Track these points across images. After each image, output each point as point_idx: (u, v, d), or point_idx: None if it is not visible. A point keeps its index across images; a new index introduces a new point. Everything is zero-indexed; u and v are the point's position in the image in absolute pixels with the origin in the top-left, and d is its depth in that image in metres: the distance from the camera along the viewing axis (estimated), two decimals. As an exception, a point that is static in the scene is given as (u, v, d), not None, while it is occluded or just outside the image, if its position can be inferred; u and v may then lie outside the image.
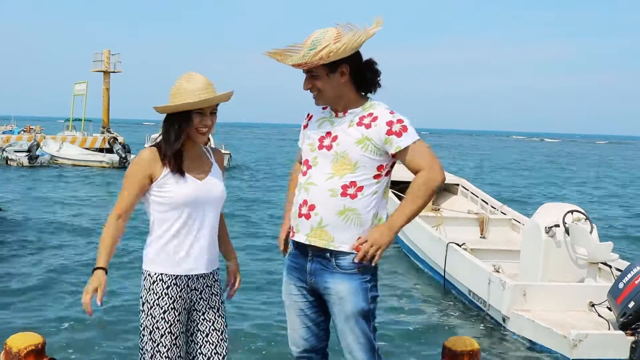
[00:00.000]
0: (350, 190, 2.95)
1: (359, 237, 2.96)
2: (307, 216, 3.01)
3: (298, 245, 3.11)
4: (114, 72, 39.90)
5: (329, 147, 3.00)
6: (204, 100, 2.89)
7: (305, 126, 3.19)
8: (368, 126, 2.95)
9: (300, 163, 3.19)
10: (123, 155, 30.62)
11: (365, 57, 3.03)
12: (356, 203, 2.95)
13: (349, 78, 2.98)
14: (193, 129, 2.94)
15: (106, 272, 2.88)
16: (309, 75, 2.99)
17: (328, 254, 3.01)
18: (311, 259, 3.06)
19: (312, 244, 3.01)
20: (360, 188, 2.95)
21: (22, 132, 40.96)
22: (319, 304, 3.14)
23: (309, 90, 3.02)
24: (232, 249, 3.34)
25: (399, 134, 2.93)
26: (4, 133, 39.52)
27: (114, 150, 32.37)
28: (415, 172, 2.97)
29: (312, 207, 2.99)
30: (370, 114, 2.98)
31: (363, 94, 3.07)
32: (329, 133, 3.02)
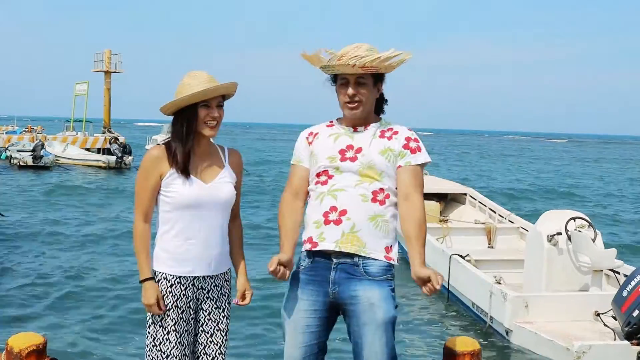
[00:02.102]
0: (380, 197, 2.96)
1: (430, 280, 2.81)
2: (337, 222, 2.93)
3: (318, 256, 3.00)
4: (115, 72, 39.87)
5: (354, 159, 3.00)
6: (205, 90, 2.87)
7: (310, 143, 3.11)
8: (390, 138, 3.04)
9: (291, 192, 3.11)
10: (119, 155, 30.26)
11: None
12: (384, 210, 2.96)
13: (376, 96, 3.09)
14: (201, 123, 2.91)
15: (154, 279, 2.93)
16: (356, 82, 2.99)
17: (356, 259, 2.94)
18: (335, 268, 2.96)
19: (343, 250, 2.93)
20: (388, 195, 2.98)
21: (24, 132, 41.03)
22: (328, 322, 3.07)
23: (347, 97, 3.00)
24: (243, 263, 3.18)
25: (413, 151, 3.02)
26: (6, 133, 39.63)
27: (111, 150, 31.77)
28: (404, 191, 2.99)
29: (343, 213, 2.93)
30: (391, 129, 3.07)
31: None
32: (350, 146, 3.02)
